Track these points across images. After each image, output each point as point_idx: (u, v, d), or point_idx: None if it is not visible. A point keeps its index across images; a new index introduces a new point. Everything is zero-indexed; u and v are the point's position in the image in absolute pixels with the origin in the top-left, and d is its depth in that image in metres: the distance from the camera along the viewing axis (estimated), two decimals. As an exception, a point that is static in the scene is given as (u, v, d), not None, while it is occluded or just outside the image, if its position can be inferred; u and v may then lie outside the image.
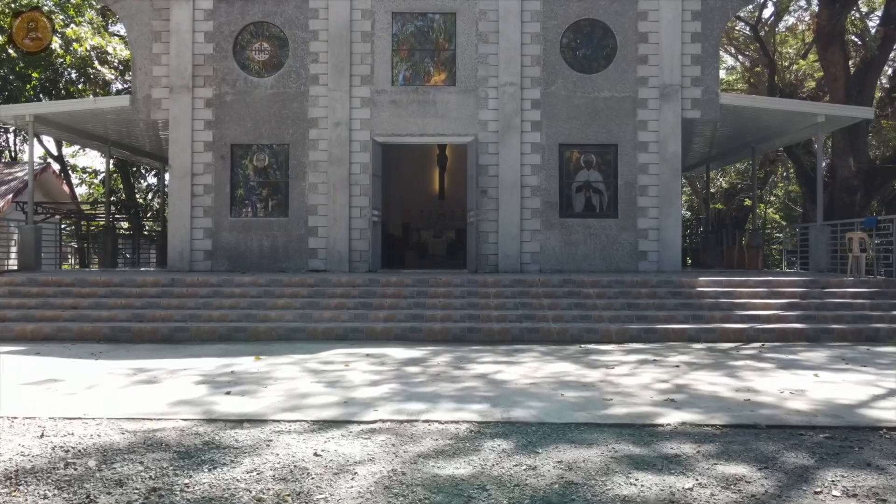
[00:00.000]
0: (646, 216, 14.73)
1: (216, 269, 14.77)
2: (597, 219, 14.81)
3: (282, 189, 15.00)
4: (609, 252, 14.70)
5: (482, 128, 14.76)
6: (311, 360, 8.24)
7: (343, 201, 14.67)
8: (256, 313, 10.83)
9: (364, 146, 14.75)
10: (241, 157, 15.02)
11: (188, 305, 11.24)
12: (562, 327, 10.27)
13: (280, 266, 14.74)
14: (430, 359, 8.43)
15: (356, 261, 14.75)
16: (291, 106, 14.82)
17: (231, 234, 14.82)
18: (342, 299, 11.44)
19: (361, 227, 14.74)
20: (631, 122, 14.74)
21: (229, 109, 14.84)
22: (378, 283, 12.04)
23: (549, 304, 11.22)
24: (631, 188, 14.75)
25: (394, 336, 10.20)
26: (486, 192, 14.73)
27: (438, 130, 14.82)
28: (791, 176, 31.38)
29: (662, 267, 14.63)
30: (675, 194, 14.74)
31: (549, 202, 14.73)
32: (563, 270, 14.64)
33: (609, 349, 9.37)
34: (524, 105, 14.74)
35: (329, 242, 14.67)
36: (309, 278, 12.16)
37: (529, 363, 8.14)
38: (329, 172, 14.69)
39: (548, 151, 14.75)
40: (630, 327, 10.27)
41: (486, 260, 14.70)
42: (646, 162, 14.75)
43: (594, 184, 14.95)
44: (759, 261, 16.20)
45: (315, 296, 11.66)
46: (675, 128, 14.67)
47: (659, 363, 8.16)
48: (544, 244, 14.71)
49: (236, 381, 6.98)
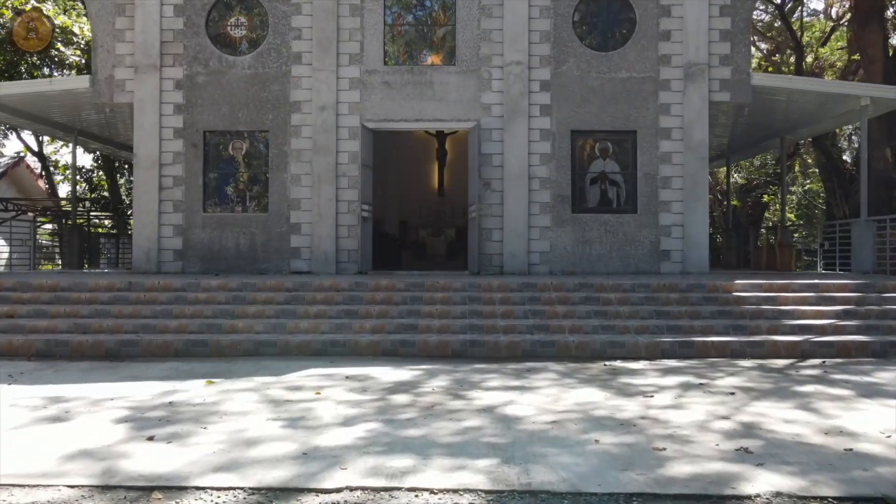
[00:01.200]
0: (668, 211, 13.13)
1: (187, 270, 13.18)
2: (613, 214, 13.22)
3: (261, 181, 13.41)
4: (627, 251, 13.11)
5: (485, 112, 13.17)
6: (275, 386, 6.64)
7: (329, 195, 13.09)
8: (221, 323, 9.23)
9: (353, 133, 13.16)
10: (216, 145, 13.43)
11: (143, 314, 9.64)
12: (581, 340, 8.67)
13: (259, 267, 13.15)
14: (423, 382, 6.84)
15: (344, 261, 13.16)
16: (271, 88, 13.23)
17: (204, 232, 13.23)
18: (323, 306, 9.84)
19: (350, 224, 13.15)
20: (652, 106, 13.15)
21: (202, 92, 13.24)
22: (366, 287, 10.45)
23: (564, 313, 9.63)
24: (652, 180, 13.15)
25: (381, 351, 8.61)
26: (490, 184, 13.14)
27: (436, 115, 13.23)
28: (811, 172, 29.78)
29: (688, 268, 13.03)
30: (702, 187, 13.14)
31: (560, 195, 13.14)
32: (576, 272, 13.05)
33: (640, 368, 7.77)
34: (532, 87, 13.15)
35: (313, 241, 13.09)
36: (287, 281, 10.57)
37: (546, 389, 6.54)
38: (313, 162, 13.11)
39: (558, 139, 13.16)
40: (662, 340, 8.67)
41: (489, 260, 13.11)
42: (668, 150, 13.15)
43: (611, 175, 13.36)
44: (792, 261, 14.60)
45: (292, 302, 10.07)
46: (701, 112, 13.07)
47: (707, 388, 6.56)
48: (555, 242, 13.12)
49: (170, 417, 5.39)
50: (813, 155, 24.67)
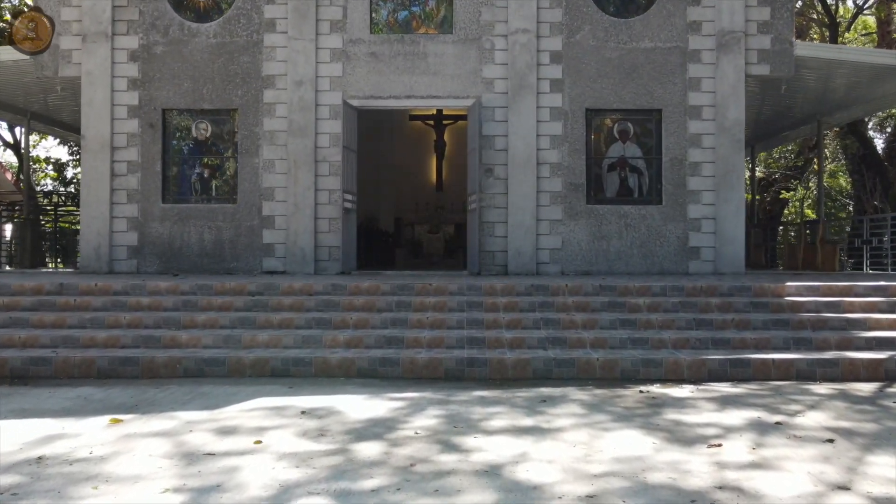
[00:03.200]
0: (698, 202, 11.37)
1: (144, 270, 11.44)
2: (635, 205, 11.46)
3: (229, 167, 11.66)
4: (650, 248, 11.35)
5: (487, 88, 11.42)
6: (202, 427, 4.89)
7: (307, 182, 11.34)
8: (161, 336, 7.48)
9: (334, 112, 11.41)
10: (177, 125, 11.67)
11: (68, 323, 7.90)
12: (607, 357, 6.91)
13: (227, 266, 11.40)
14: (403, 420, 5.08)
15: (324, 259, 11.41)
16: (241, 60, 11.48)
17: (163, 226, 11.49)
18: (290, 314, 8.10)
19: (331, 217, 11.40)
20: (679, 81, 11.39)
21: (160, 64, 11.49)
22: (344, 290, 8.71)
23: (584, 322, 7.87)
24: (679, 166, 11.40)
25: (357, 371, 6.85)
26: (492, 171, 11.39)
27: (430, 91, 11.48)
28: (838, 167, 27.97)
29: (720, 267, 11.27)
30: (737, 173, 11.39)
31: (573, 184, 11.38)
32: (592, 272, 11.30)
33: (687, 396, 6.01)
34: (541, 59, 11.39)
35: (289, 236, 11.34)
36: (253, 283, 8.82)
37: (571, 432, 4.78)
38: (289, 145, 11.36)
39: (571, 119, 11.41)
40: (707, 357, 6.91)
41: (491, 259, 11.36)
42: (698, 132, 11.39)
43: (631, 160, 11.60)
44: (835, 260, 12.84)
45: (254, 308, 8.32)
46: (736, 87, 11.31)
47: (790, 430, 4.81)
48: (567, 238, 11.36)
49: (23, 486, 3.64)
50: (841, 143, 22.84)
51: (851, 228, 19.82)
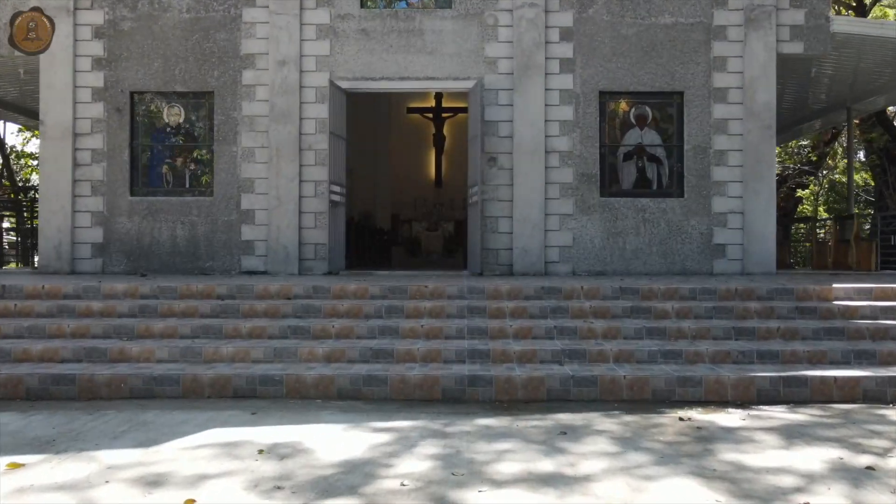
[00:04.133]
0: (724, 194, 10.26)
1: (110, 270, 10.33)
2: (654, 198, 10.34)
3: (204, 156, 10.54)
4: (671, 246, 10.23)
5: (490, 68, 10.30)
6: (124, 472, 3.77)
7: (290, 173, 10.22)
8: (109, 347, 6.36)
9: (321, 94, 10.29)
10: (146, 110, 10.55)
11: (2, 332, 6.77)
12: (635, 375, 5.79)
13: (201, 266, 10.29)
14: (387, 465, 3.96)
15: (309, 259, 10.29)
16: (217, 37, 10.36)
17: (131, 221, 10.37)
18: (263, 321, 6.98)
19: (317, 211, 10.28)
20: (703, 60, 10.27)
21: (128, 42, 10.38)
22: (327, 293, 7.60)
23: (604, 331, 6.75)
24: (703, 154, 10.28)
25: (337, 392, 5.73)
26: (496, 160, 10.27)
27: (427, 72, 10.35)
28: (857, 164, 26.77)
29: (749, 267, 10.15)
30: (767, 163, 10.26)
31: (585, 174, 10.27)
32: (606, 272, 10.19)
33: (739, 425, 4.89)
34: (550, 36, 10.28)
35: (270, 232, 10.22)
36: (222, 285, 7.71)
37: (604, 481, 3.67)
38: (271, 132, 10.25)
39: (584, 102, 10.29)
40: (755, 375, 5.79)
41: (494, 257, 10.25)
42: (724, 117, 10.27)
43: (650, 148, 10.48)
44: (872, 259, 11.72)
45: (222, 314, 7.20)
46: (766, 67, 10.19)
47: (885, 479, 3.70)
48: (579, 235, 10.24)
49: None
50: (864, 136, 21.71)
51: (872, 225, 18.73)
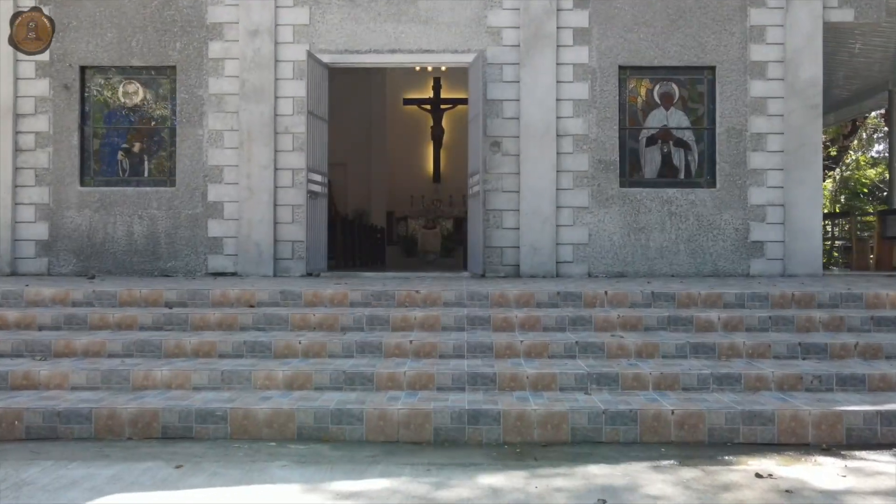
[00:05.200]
0: (762, 184, 8.92)
1: (57, 271, 8.99)
2: (681, 188, 9.00)
3: (165, 141, 9.20)
4: (700, 243, 8.90)
5: (493, 40, 8.97)
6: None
7: (264, 160, 8.89)
8: (11, 371, 5.00)
9: (299, 70, 8.95)
10: (99, 87, 9.20)
11: None
12: (686, 409, 4.44)
13: (162, 266, 8.95)
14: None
15: (285, 258, 8.96)
16: (179, 4, 9.02)
17: (81, 215, 9.03)
18: (215, 335, 5.64)
19: (295, 203, 8.95)
20: (738, 30, 8.94)
21: (77, 9, 9.03)
22: (298, 298, 6.27)
23: (638, 348, 5.41)
24: (738, 138, 8.94)
25: (296, 431, 4.39)
26: (500, 144, 8.94)
27: (421, 44, 9.02)
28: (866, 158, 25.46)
29: (791, 268, 8.82)
30: (813, 147, 8.93)
31: (602, 161, 8.93)
32: (627, 273, 8.86)
33: (843, 487, 3.56)
34: (562, 2, 8.94)
35: (241, 228, 8.89)
36: (172, 290, 6.37)
37: None
38: (241, 113, 8.91)
39: (601, 78, 8.95)
40: (842, 409, 4.44)
41: (498, 257, 8.91)
42: (762, 95, 8.93)
43: (677, 131, 9.14)
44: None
45: (166, 326, 5.87)
46: (812, 37, 8.85)
47: None
48: (596, 230, 8.91)
49: None
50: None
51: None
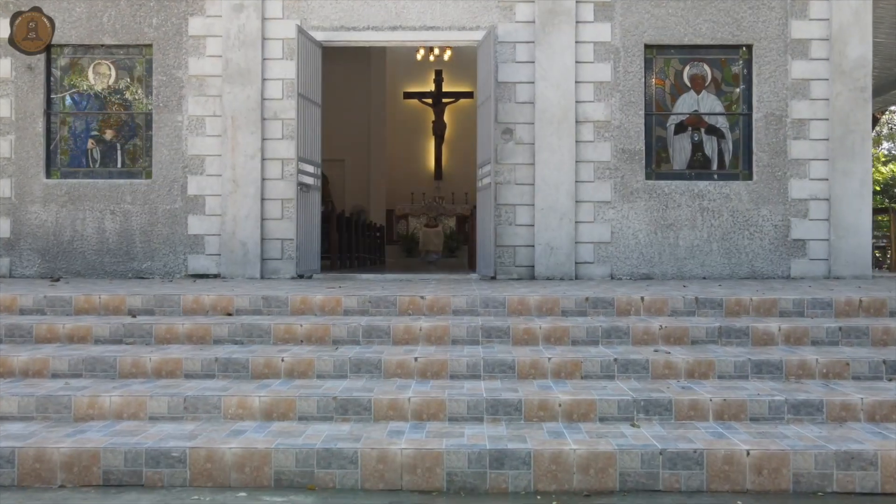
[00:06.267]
0: (804, 176, 8.03)
1: (19, 273, 8.08)
2: (714, 181, 8.11)
3: (140, 127, 8.29)
4: (735, 241, 8.00)
5: (505, 15, 8.07)
6: None
7: (250, 149, 7.98)
8: (-72, 396, 4.11)
9: (288, 48, 8.05)
10: (66, 67, 8.30)
11: None
12: (764, 449, 3.53)
13: (137, 267, 8.05)
14: None
15: (274, 258, 8.05)
16: (156, -25, 8.13)
17: (47, 211, 8.12)
18: (181, 350, 4.73)
19: (284, 197, 8.04)
20: (777, 4, 8.04)
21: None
22: (283, 306, 5.37)
23: (689, 366, 4.49)
24: (777, 124, 8.04)
25: (273, 477, 3.48)
26: (513, 132, 8.04)
27: (425, 20, 8.11)
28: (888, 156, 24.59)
29: (837, 269, 7.92)
30: (861, 135, 8.03)
31: (626, 151, 8.03)
32: (654, 274, 7.96)
33: None
34: (582, -27, 8.06)
35: (225, 224, 7.99)
36: (136, 296, 5.47)
37: None
38: (225, 97, 8.01)
39: (625, 58, 8.05)
40: (955, 446, 3.55)
41: (511, 257, 8.01)
42: (804, 76, 8.03)
43: (709, 117, 8.23)
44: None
45: (126, 338, 4.95)
46: (860, 12, 7.95)
47: None
48: (619, 228, 8.01)
49: None
50: None
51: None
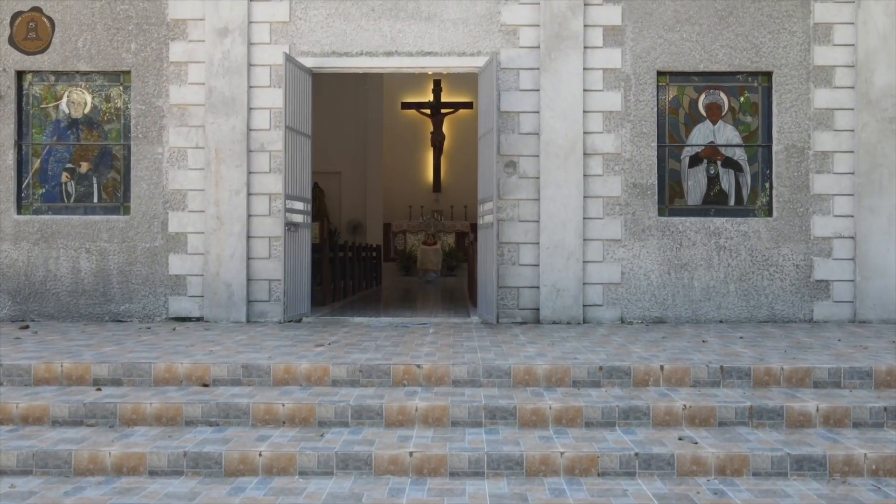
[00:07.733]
0: (828, 213, 7.51)
1: (-12, 315, 7.56)
2: (731, 217, 7.59)
3: (118, 160, 7.76)
4: (754, 282, 7.48)
5: (508, 40, 7.54)
6: None
7: (235, 184, 7.45)
8: None
9: (276, 76, 7.52)
10: (39, 96, 7.77)
11: None
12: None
13: (114, 310, 7.52)
14: None
15: (261, 300, 7.52)
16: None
17: (18, 249, 7.59)
18: (148, 438, 4.19)
19: (272, 235, 7.51)
20: (799, 29, 7.52)
21: (13, 2, 7.59)
22: (265, 376, 4.85)
23: (720, 462, 3.95)
24: (799, 157, 7.52)
25: None
26: (516, 165, 7.51)
27: (422, 46, 7.59)
28: None
29: (863, 313, 7.40)
30: (889, 169, 7.50)
31: (638, 185, 7.51)
32: (667, 318, 7.45)
33: None
34: (590, -4, 7.54)
35: (208, 264, 7.45)
36: (101, 365, 4.95)
37: None
38: (208, 127, 7.48)
39: (636, 86, 7.52)
40: None
41: (514, 299, 7.48)
42: (828, 106, 7.52)
43: (726, 150, 7.71)
44: None
45: (87, 420, 4.41)
46: (888, 37, 7.44)
47: None
48: (630, 268, 7.48)
49: None
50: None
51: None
